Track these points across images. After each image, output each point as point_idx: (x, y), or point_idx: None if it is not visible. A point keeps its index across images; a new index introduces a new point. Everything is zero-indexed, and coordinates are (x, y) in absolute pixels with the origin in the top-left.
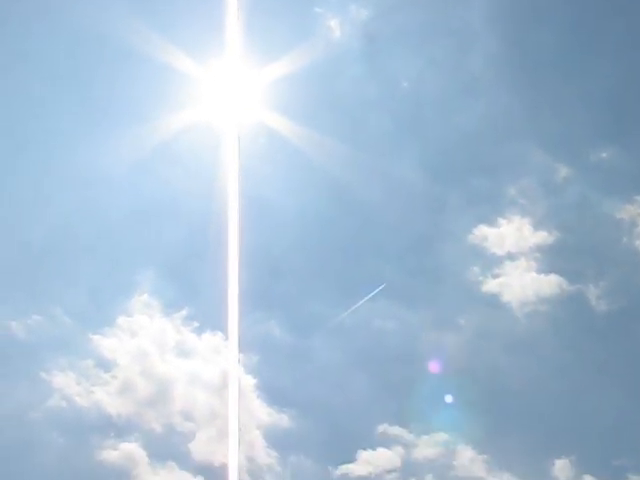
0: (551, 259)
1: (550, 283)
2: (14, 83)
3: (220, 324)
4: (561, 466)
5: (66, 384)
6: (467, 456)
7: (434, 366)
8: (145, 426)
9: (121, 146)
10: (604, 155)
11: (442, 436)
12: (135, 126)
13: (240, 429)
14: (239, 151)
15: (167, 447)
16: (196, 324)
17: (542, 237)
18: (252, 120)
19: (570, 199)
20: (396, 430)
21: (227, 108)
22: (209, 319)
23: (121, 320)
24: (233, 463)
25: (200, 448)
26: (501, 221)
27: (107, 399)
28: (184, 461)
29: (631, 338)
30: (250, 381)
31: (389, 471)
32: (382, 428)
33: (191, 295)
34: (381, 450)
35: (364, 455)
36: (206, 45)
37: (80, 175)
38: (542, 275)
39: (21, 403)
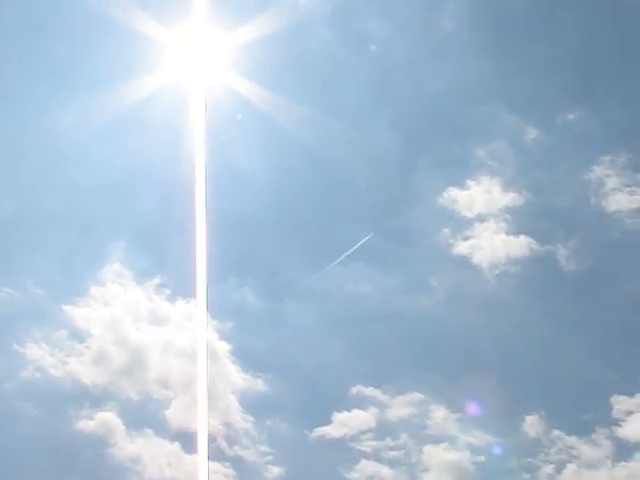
0: (521, 220)
1: (520, 244)
2: None
3: (193, 291)
4: (531, 422)
5: (40, 355)
6: (440, 415)
7: None
8: (121, 395)
9: (87, 113)
10: (571, 117)
11: (416, 396)
12: (102, 92)
13: (214, 395)
14: (207, 116)
15: (143, 415)
16: (169, 292)
17: (511, 198)
18: (220, 85)
19: (539, 160)
20: (370, 391)
21: (194, 73)
22: (181, 286)
23: (93, 290)
24: (203, 430)
25: (176, 415)
26: (470, 183)
27: (82, 369)
28: (161, 428)
29: (599, 297)
30: (225, 347)
31: (364, 432)
32: (356, 389)
33: (163, 263)
34: (356, 411)
35: (339, 417)
36: (173, 8)
37: (47, 143)
38: (512, 236)
39: None
